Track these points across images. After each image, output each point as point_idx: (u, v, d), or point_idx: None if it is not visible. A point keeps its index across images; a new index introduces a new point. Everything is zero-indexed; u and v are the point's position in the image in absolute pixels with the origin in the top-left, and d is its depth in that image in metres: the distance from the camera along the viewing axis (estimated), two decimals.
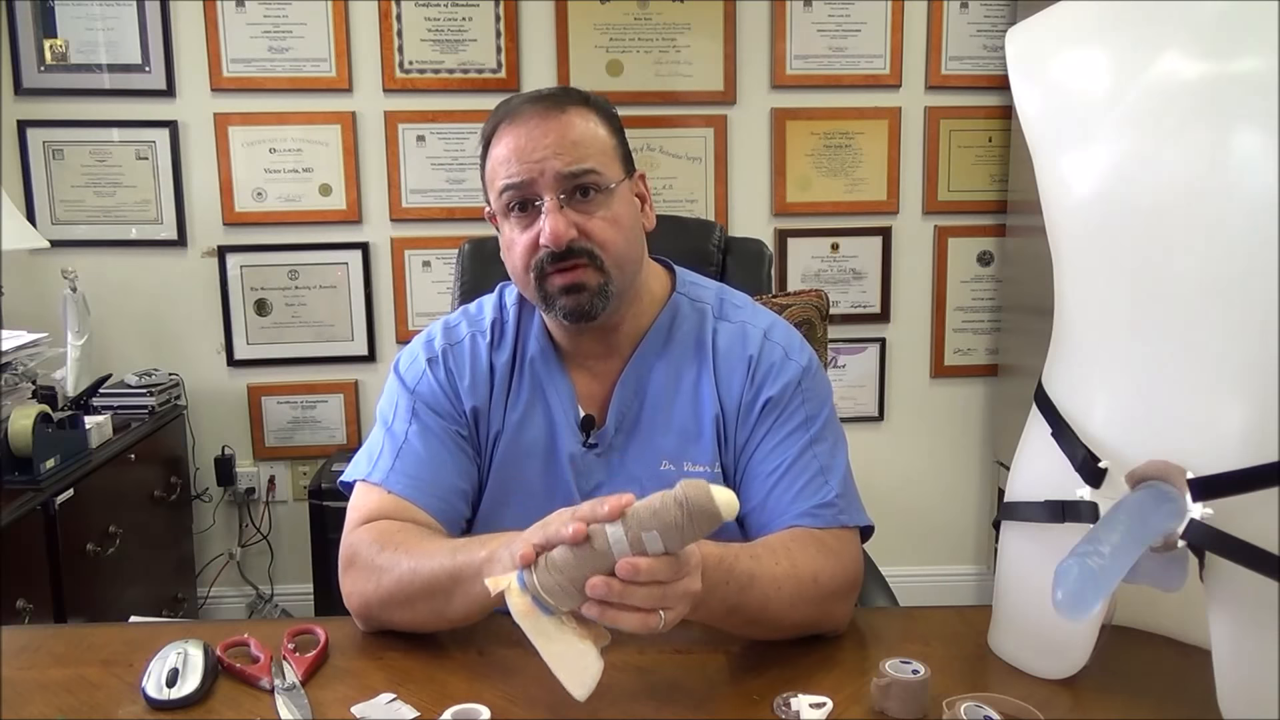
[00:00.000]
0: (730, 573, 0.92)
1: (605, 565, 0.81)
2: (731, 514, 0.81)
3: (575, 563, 0.82)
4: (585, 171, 1.06)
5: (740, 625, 0.98)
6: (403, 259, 2.72)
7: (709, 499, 0.80)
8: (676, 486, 0.81)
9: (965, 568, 2.98)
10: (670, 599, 0.83)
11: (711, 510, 0.80)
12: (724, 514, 0.80)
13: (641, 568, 0.80)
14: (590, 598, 0.82)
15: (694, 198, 2.76)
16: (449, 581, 0.96)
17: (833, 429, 1.14)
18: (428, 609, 0.99)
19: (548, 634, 0.85)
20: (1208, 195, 0.81)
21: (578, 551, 0.82)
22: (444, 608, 0.98)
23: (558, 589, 0.83)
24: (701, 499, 0.80)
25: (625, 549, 0.81)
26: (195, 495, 2.72)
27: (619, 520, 0.81)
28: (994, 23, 2.76)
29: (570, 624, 0.85)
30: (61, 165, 2.61)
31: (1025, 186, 2.70)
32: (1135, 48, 0.86)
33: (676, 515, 0.80)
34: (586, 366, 1.16)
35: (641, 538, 0.80)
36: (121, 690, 0.94)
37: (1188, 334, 0.83)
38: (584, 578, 0.81)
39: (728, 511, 0.80)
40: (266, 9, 2.59)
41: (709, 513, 0.80)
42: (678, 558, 0.83)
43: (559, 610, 0.84)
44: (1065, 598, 0.76)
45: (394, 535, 1.03)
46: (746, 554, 0.96)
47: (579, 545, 0.82)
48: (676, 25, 2.69)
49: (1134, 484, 0.83)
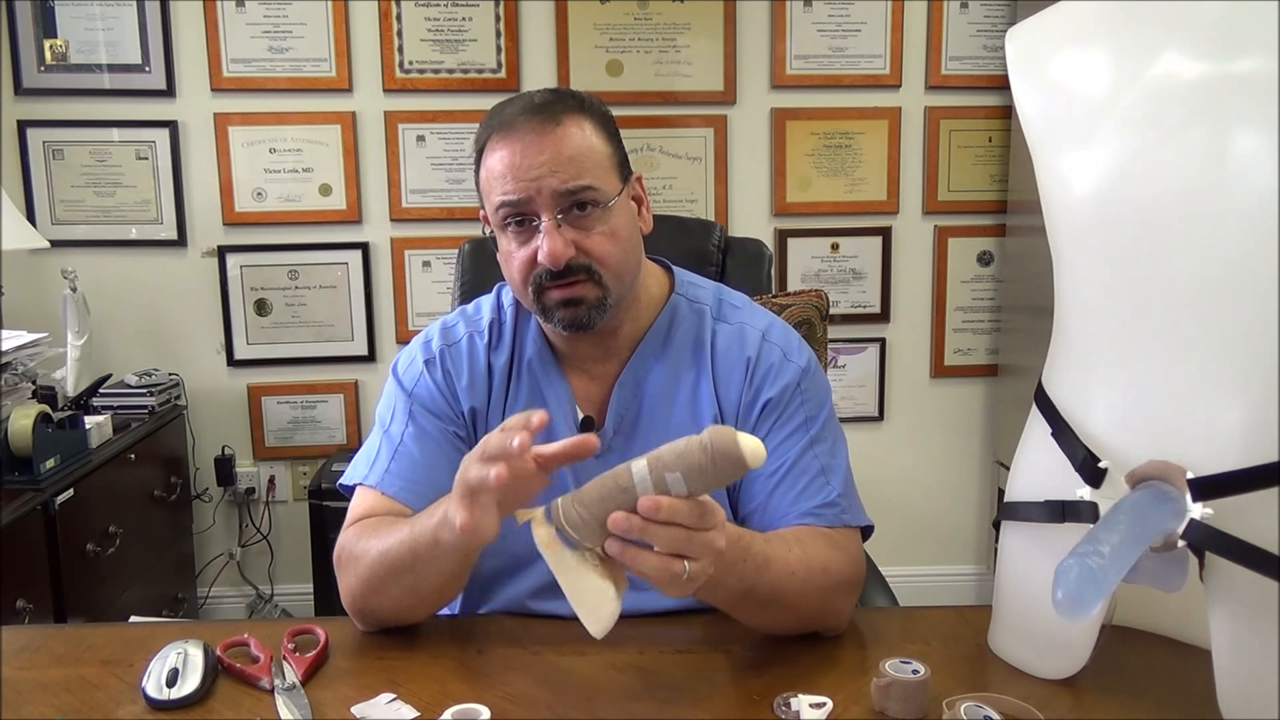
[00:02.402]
0: (748, 551, 0.93)
1: (629, 502, 0.81)
2: (757, 462, 0.80)
3: (600, 498, 0.82)
4: (583, 188, 1.05)
5: (752, 610, 0.98)
6: (403, 259, 2.72)
7: (734, 444, 0.79)
8: (704, 431, 0.81)
9: (965, 568, 2.98)
10: (694, 547, 0.82)
11: (736, 455, 0.79)
12: (749, 461, 0.79)
13: (663, 505, 0.79)
14: (611, 532, 0.81)
15: (694, 198, 2.76)
16: (410, 556, 0.96)
17: (832, 429, 1.14)
18: (401, 588, 0.99)
19: (569, 567, 0.84)
20: (1208, 195, 0.81)
21: (603, 487, 0.82)
22: (417, 583, 0.98)
23: (581, 523, 0.83)
24: (727, 444, 0.79)
25: (649, 487, 0.80)
26: (195, 495, 2.73)
27: (644, 459, 0.81)
28: (994, 23, 2.76)
29: (592, 560, 0.85)
30: (61, 165, 2.61)
31: (1025, 186, 2.70)
32: (1135, 48, 0.86)
33: (700, 458, 0.79)
34: (584, 368, 1.16)
35: (665, 478, 0.80)
36: (121, 690, 0.94)
37: (1188, 334, 0.83)
38: (607, 514, 0.81)
39: (753, 459, 0.79)
40: (266, 9, 2.59)
41: (733, 458, 0.79)
42: (702, 505, 0.82)
43: (582, 545, 0.84)
44: (1065, 598, 0.76)
45: (370, 527, 1.04)
46: (762, 539, 0.97)
47: (604, 480, 0.82)
48: (676, 25, 2.69)
49: (1134, 484, 0.83)
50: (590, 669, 0.96)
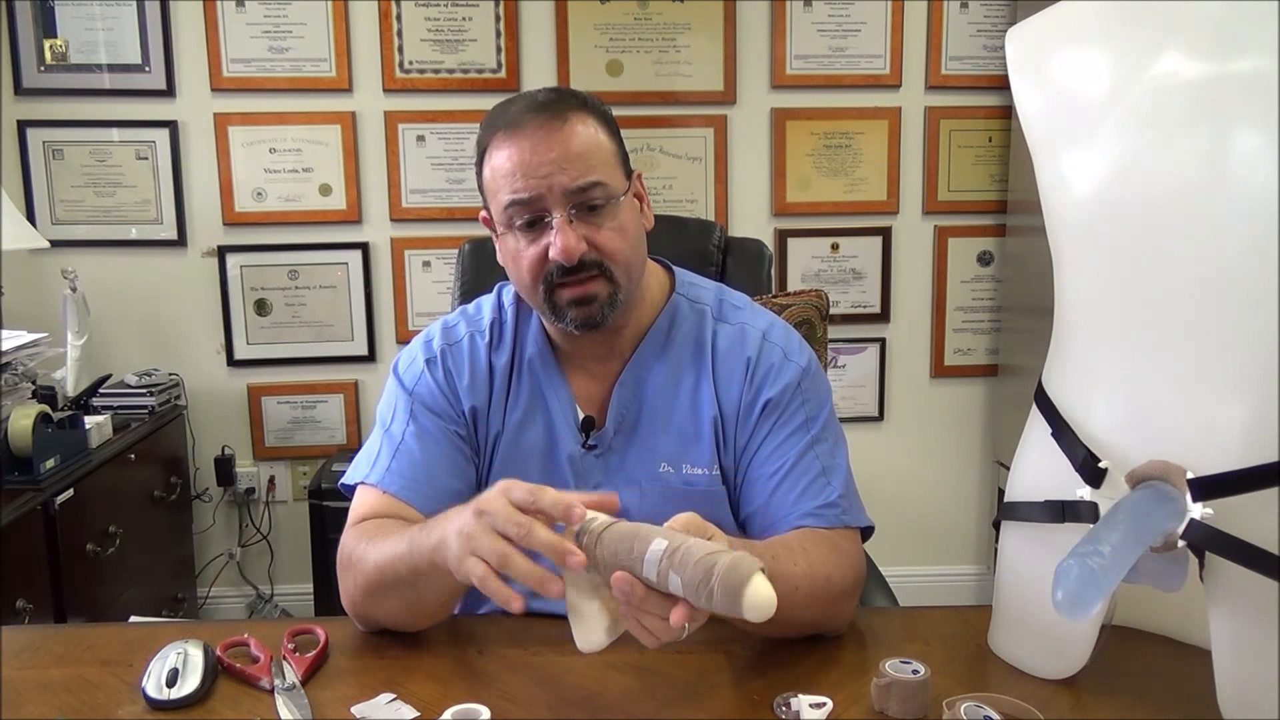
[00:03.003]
0: None
1: (635, 569, 0.80)
2: (759, 618, 0.75)
3: (616, 550, 0.81)
4: (593, 185, 1.05)
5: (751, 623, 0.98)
6: (403, 259, 2.72)
7: (738, 592, 0.74)
8: (728, 556, 0.76)
9: (965, 568, 2.98)
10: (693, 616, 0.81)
11: (736, 602, 0.75)
12: (746, 613, 0.75)
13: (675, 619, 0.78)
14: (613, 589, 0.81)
15: (694, 198, 2.76)
16: (408, 574, 0.96)
17: (833, 429, 1.14)
18: (400, 601, 0.99)
19: (577, 585, 0.84)
20: (1207, 195, 0.81)
21: (623, 539, 0.81)
22: (415, 599, 0.98)
23: (598, 559, 0.82)
24: (733, 586, 0.74)
25: (652, 575, 0.79)
26: (195, 495, 2.72)
27: (666, 544, 0.78)
28: (994, 23, 2.76)
29: (605, 591, 0.84)
30: (61, 165, 2.61)
31: (1025, 186, 2.70)
32: (1135, 48, 0.86)
33: (702, 582, 0.76)
34: (585, 368, 1.16)
35: (669, 574, 0.78)
36: (121, 690, 0.94)
37: (1188, 334, 0.83)
38: (614, 567, 0.80)
39: (752, 614, 0.75)
40: (266, 9, 2.59)
41: (733, 601, 0.75)
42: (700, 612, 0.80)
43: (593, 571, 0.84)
44: (1065, 598, 0.76)
45: (370, 531, 1.04)
46: (766, 554, 0.95)
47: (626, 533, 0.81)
48: (676, 25, 2.69)
49: (1134, 484, 0.83)
50: (590, 669, 0.96)
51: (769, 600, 0.75)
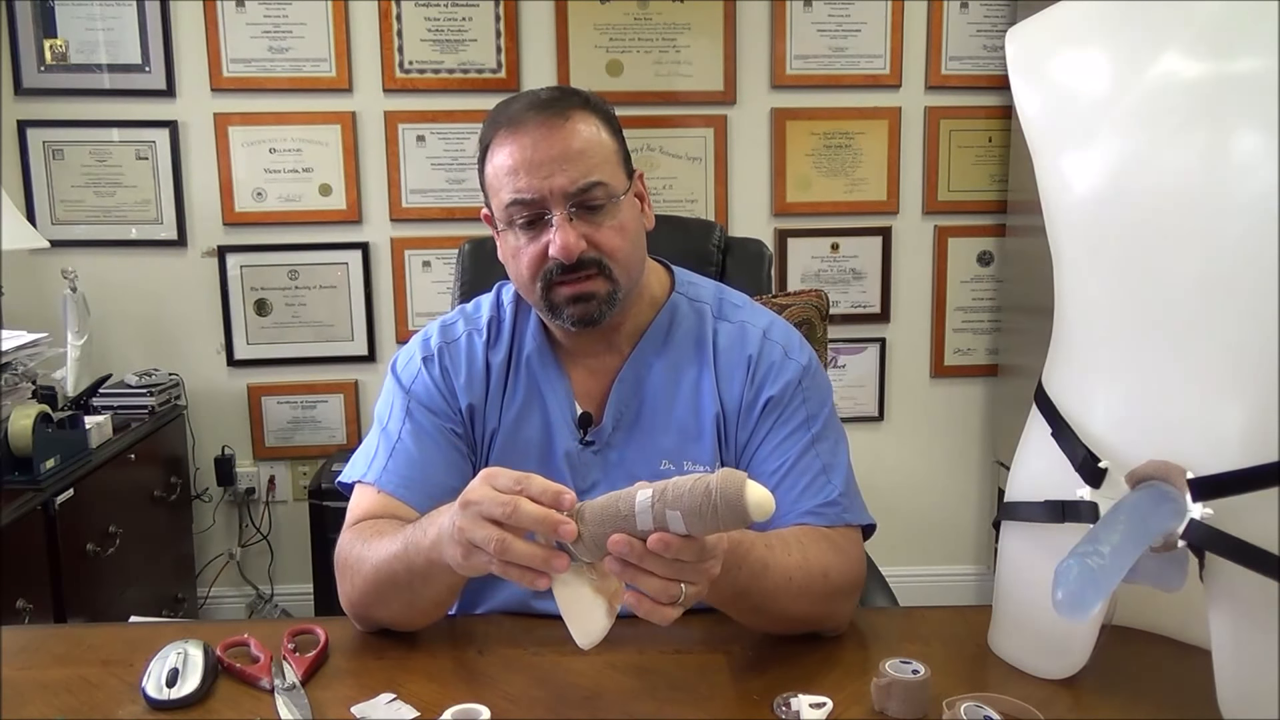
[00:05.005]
0: (745, 559, 0.93)
1: (629, 528, 0.80)
2: (762, 515, 0.78)
3: (601, 518, 0.82)
4: (594, 184, 1.05)
5: (745, 611, 0.98)
6: (403, 259, 2.72)
7: (740, 492, 0.77)
8: (715, 473, 0.79)
9: (965, 568, 2.98)
10: (690, 574, 0.82)
11: (739, 504, 0.78)
12: (752, 514, 0.78)
13: (671, 545, 0.79)
14: (611, 554, 0.81)
15: (694, 198, 2.76)
16: (405, 573, 0.96)
17: (834, 427, 1.14)
18: (398, 602, 1.00)
19: (564, 579, 0.84)
20: (1207, 195, 0.81)
21: (606, 508, 0.82)
22: (413, 598, 0.99)
23: (580, 542, 0.82)
24: (733, 493, 0.77)
25: (648, 520, 0.80)
26: (195, 495, 2.72)
27: (650, 488, 0.80)
28: (994, 23, 2.76)
29: (588, 575, 0.85)
30: (61, 165, 2.61)
31: (1025, 186, 2.70)
32: (1135, 48, 0.86)
33: (703, 502, 0.78)
34: (584, 364, 1.16)
35: (665, 514, 0.79)
36: (121, 690, 0.94)
37: (1188, 334, 0.83)
38: (607, 535, 0.81)
39: (756, 511, 0.78)
40: (266, 9, 2.59)
41: (736, 507, 0.78)
42: (705, 543, 0.81)
43: (579, 559, 0.84)
44: (1065, 598, 0.76)
45: (367, 532, 1.04)
46: (761, 542, 0.96)
47: (608, 501, 0.82)
48: (676, 25, 2.69)
49: (1134, 484, 0.83)
50: (590, 669, 0.96)
51: (767, 496, 0.78)
